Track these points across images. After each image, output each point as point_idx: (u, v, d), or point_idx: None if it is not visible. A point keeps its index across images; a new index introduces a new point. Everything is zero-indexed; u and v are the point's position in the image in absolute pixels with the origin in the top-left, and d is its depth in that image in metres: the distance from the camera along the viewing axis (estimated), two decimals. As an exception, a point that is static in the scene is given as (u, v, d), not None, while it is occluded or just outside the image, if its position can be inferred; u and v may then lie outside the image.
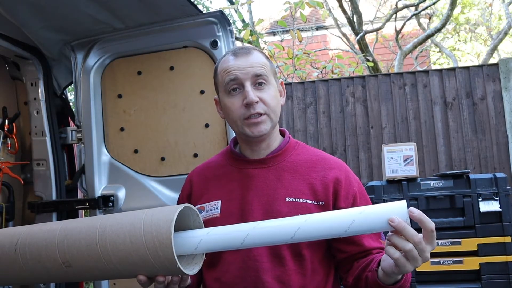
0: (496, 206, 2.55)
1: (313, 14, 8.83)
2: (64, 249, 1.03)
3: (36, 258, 1.07)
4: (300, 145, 1.31)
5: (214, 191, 1.26)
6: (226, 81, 1.20)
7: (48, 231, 1.08)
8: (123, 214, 1.06)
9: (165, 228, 0.93)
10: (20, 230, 1.14)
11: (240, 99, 1.18)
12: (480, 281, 2.52)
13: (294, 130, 4.21)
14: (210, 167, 1.34)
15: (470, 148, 3.90)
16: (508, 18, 7.32)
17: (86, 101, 2.11)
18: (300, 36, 5.45)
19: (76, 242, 1.02)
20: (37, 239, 1.08)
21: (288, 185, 1.19)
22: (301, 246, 1.15)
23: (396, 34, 6.87)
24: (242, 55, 1.22)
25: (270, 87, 1.22)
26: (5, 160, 2.20)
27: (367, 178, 3.99)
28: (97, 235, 1.00)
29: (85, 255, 1.01)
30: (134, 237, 0.96)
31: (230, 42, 1.91)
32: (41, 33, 2.01)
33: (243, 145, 1.29)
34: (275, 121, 1.24)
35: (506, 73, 3.93)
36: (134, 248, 0.96)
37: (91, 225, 1.03)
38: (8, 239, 1.12)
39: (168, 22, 1.94)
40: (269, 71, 1.23)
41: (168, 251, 0.93)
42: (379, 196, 2.67)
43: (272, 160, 1.24)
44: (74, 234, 1.03)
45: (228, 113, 1.22)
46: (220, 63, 1.26)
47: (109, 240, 0.98)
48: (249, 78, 1.18)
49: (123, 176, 2.07)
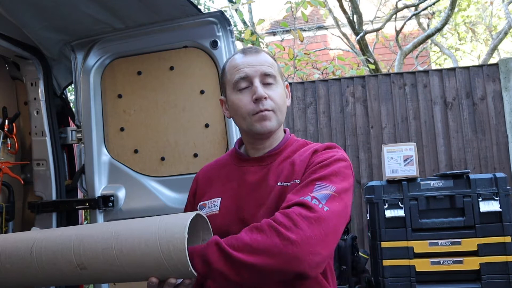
0: (496, 206, 2.55)
1: (313, 14, 8.83)
2: (79, 253, 1.06)
3: (51, 260, 1.10)
4: (300, 142, 1.32)
5: (216, 189, 1.29)
6: (235, 79, 1.22)
7: (64, 236, 1.11)
8: (136, 220, 1.10)
9: (179, 233, 0.98)
10: (35, 234, 1.17)
11: (249, 96, 1.21)
12: (480, 281, 2.52)
13: (294, 130, 4.21)
14: (215, 167, 1.37)
15: (470, 148, 3.90)
16: (508, 18, 7.32)
17: (86, 101, 2.11)
18: (302, 36, 5.45)
19: (92, 245, 1.06)
20: (53, 242, 1.11)
21: (279, 173, 1.20)
22: None
23: (396, 34, 6.87)
24: (252, 53, 1.25)
25: (278, 86, 1.24)
26: (5, 160, 2.20)
27: (367, 178, 3.99)
28: (113, 239, 1.04)
29: (100, 258, 1.05)
30: (149, 241, 1.00)
31: (230, 42, 1.91)
32: (41, 33, 2.01)
33: (247, 144, 1.31)
34: (281, 120, 1.25)
35: (506, 73, 3.93)
36: (149, 252, 1.00)
37: (106, 230, 1.08)
38: (23, 242, 1.15)
39: (168, 22, 1.94)
40: (277, 71, 1.26)
41: (182, 255, 0.97)
42: (379, 196, 2.67)
43: (268, 158, 1.26)
44: (90, 238, 1.07)
45: (237, 109, 1.23)
46: (229, 61, 1.28)
47: (125, 244, 1.03)
48: (258, 75, 1.21)
49: (123, 176, 2.07)
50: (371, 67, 6.11)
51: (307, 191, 1.08)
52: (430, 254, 2.58)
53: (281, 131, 1.31)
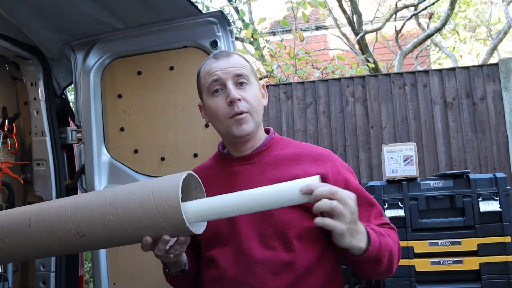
0: (496, 206, 2.54)
1: (313, 14, 8.82)
2: (77, 220, 1.09)
3: (50, 230, 1.12)
4: (286, 141, 1.33)
5: None
6: (209, 83, 1.25)
7: (60, 206, 1.14)
8: (131, 184, 1.14)
9: (172, 192, 1.01)
10: (31, 207, 1.19)
11: (223, 99, 1.23)
12: (480, 281, 2.52)
13: (294, 130, 4.21)
14: (200, 170, 1.38)
15: (470, 148, 3.90)
16: (508, 18, 7.32)
17: (86, 101, 2.11)
18: (302, 35, 5.45)
19: (88, 212, 1.08)
20: (50, 213, 1.13)
21: (272, 178, 1.20)
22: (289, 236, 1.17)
23: (396, 34, 6.87)
24: (223, 57, 1.27)
25: (252, 86, 1.26)
26: (5, 160, 2.20)
27: (367, 178, 3.99)
28: (109, 204, 1.06)
29: (98, 224, 1.07)
30: (144, 203, 1.03)
31: (230, 42, 1.91)
32: (41, 33, 2.01)
33: (229, 147, 1.32)
34: (258, 120, 1.27)
35: (506, 73, 3.93)
36: (145, 212, 1.03)
37: (102, 196, 1.10)
38: (20, 216, 1.17)
39: (168, 22, 1.94)
40: (250, 72, 1.28)
41: (177, 212, 1.00)
42: (379, 196, 2.67)
43: (256, 156, 1.27)
44: (86, 205, 1.10)
45: (213, 113, 1.26)
46: (202, 67, 1.31)
47: (121, 208, 1.05)
48: (231, 77, 1.23)
49: (123, 176, 2.07)
50: (370, 66, 6.11)
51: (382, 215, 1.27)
52: (430, 254, 2.58)
53: (261, 131, 1.32)
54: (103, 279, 2.04)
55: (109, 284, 2.05)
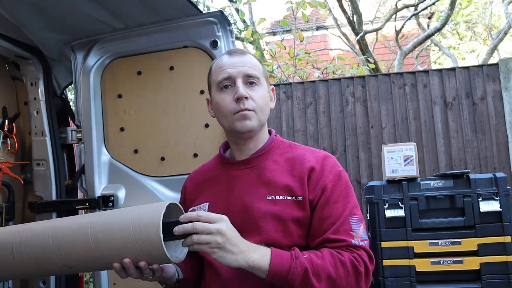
0: (496, 206, 2.54)
1: (313, 14, 8.82)
2: (62, 256, 1.13)
3: (34, 262, 1.17)
4: (285, 144, 1.33)
5: (204, 195, 1.31)
6: (219, 79, 1.26)
7: (41, 238, 1.16)
8: (111, 217, 1.14)
9: (154, 234, 1.03)
10: (12, 238, 1.21)
11: (231, 95, 1.24)
12: (480, 281, 2.52)
13: (294, 130, 4.21)
14: (201, 172, 1.40)
15: (470, 148, 3.90)
16: (508, 18, 7.31)
17: (86, 101, 2.10)
18: (302, 35, 5.45)
19: (73, 250, 1.12)
20: (32, 247, 1.16)
21: (269, 183, 1.21)
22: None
23: (396, 34, 6.87)
24: (237, 55, 1.29)
25: (261, 87, 1.27)
26: (5, 160, 2.20)
27: (367, 178, 3.99)
28: (92, 244, 1.10)
29: (83, 259, 1.12)
30: (127, 243, 1.07)
31: (230, 42, 1.91)
32: (41, 33, 2.01)
33: (232, 146, 1.33)
34: (263, 120, 1.27)
35: (506, 73, 3.93)
36: (130, 252, 1.07)
37: (83, 232, 1.12)
38: (2, 246, 1.20)
39: (168, 22, 1.94)
40: (261, 73, 1.28)
41: (162, 254, 1.04)
42: (379, 196, 2.67)
43: (255, 160, 1.27)
44: (69, 241, 1.13)
45: (219, 109, 1.27)
46: (216, 62, 1.32)
47: (105, 248, 1.09)
48: (241, 76, 1.24)
49: (123, 176, 2.07)
50: (371, 66, 6.10)
51: (349, 230, 1.16)
52: (430, 254, 2.58)
53: (265, 132, 1.32)
54: (103, 279, 2.04)
55: (109, 284, 2.05)
